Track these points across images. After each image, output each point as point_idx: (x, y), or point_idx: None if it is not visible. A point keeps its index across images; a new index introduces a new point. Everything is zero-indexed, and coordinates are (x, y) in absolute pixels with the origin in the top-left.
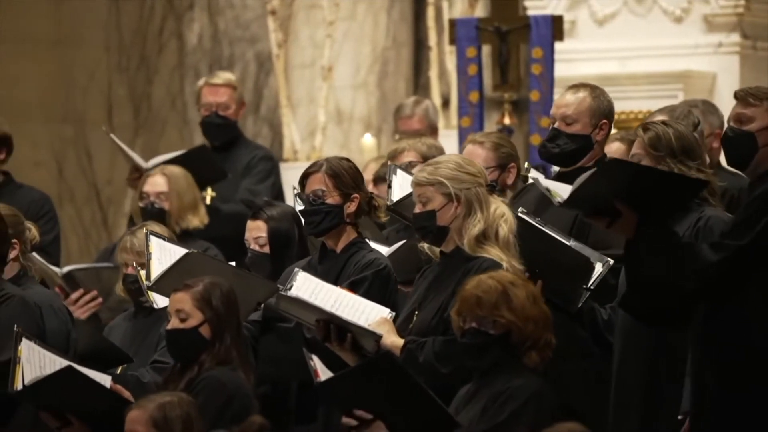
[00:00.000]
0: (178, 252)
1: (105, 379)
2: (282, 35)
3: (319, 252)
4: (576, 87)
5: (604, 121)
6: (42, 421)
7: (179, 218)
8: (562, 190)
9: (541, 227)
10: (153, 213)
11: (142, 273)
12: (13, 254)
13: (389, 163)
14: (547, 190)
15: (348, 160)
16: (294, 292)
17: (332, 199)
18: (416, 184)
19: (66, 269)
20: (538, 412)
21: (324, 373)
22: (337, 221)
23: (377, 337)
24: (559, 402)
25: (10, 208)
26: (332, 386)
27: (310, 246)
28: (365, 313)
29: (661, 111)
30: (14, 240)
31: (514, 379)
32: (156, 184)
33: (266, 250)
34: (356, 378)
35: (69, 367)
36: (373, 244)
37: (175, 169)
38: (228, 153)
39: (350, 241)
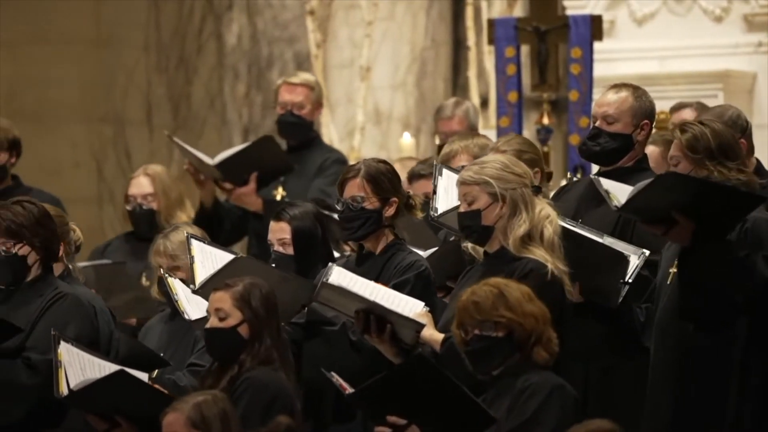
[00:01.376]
0: (219, 255)
1: (143, 378)
2: (321, 35)
3: (357, 254)
4: (618, 86)
5: (646, 121)
6: (90, 424)
7: (168, 216)
8: (620, 193)
9: (571, 227)
10: (142, 215)
11: (170, 281)
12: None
13: (435, 162)
14: (606, 192)
15: (385, 162)
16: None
17: (371, 204)
18: (462, 183)
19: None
20: (563, 404)
21: (349, 387)
22: (375, 226)
23: (418, 328)
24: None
25: (55, 209)
26: (363, 396)
27: (333, 246)
28: (400, 306)
29: (690, 105)
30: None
31: (532, 377)
32: (141, 185)
33: (290, 251)
34: (388, 384)
35: (121, 371)
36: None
37: (157, 168)
38: (302, 153)
39: (389, 243)
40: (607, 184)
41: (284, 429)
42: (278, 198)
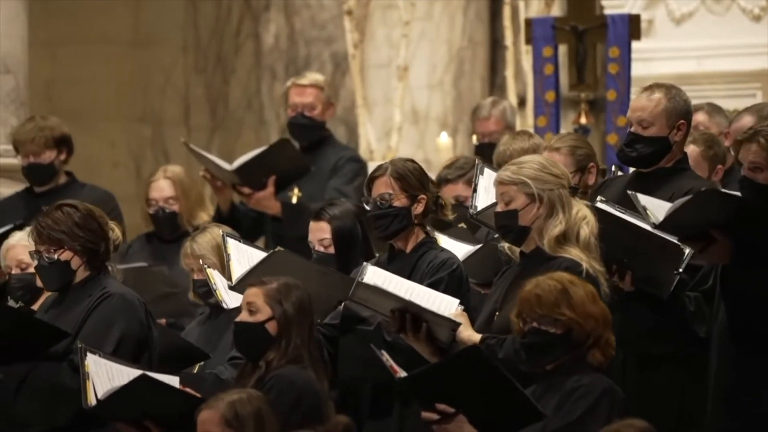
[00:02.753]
0: (255, 253)
1: (173, 381)
2: (358, 35)
3: (388, 252)
4: (651, 88)
5: (682, 121)
6: None
7: (190, 217)
8: (657, 210)
9: (623, 216)
10: (165, 218)
11: (210, 271)
12: None
13: (477, 161)
14: (644, 209)
15: (413, 161)
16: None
17: (399, 201)
18: (499, 182)
19: None
20: (612, 408)
21: (401, 369)
22: (405, 223)
23: (454, 327)
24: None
25: (97, 209)
26: (415, 381)
27: (374, 244)
28: (435, 304)
29: (748, 110)
30: None
31: (583, 378)
32: (162, 188)
33: (331, 250)
34: (440, 372)
35: (142, 376)
36: (444, 241)
37: (176, 168)
38: (315, 153)
39: (419, 242)
40: (644, 200)
41: (342, 428)
42: (294, 199)
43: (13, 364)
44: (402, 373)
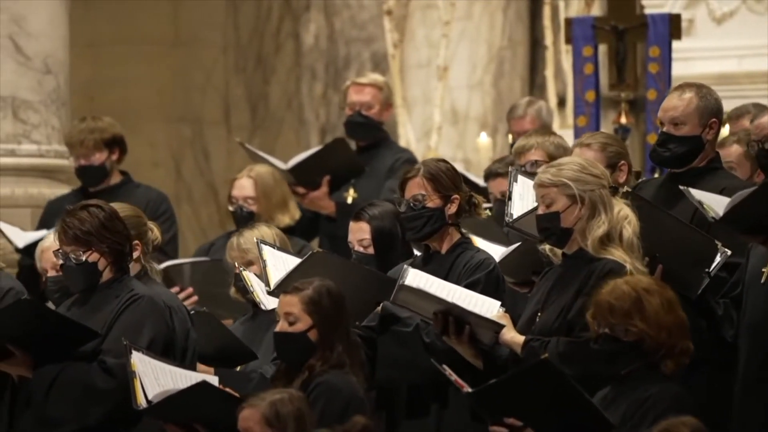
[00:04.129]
0: (289, 259)
1: (213, 380)
2: (398, 35)
3: (424, 254)
4: (681, 88)
5: (713, 119)
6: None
7: (269, 219)
8: (716, 205)
9: (661, 209)
10: (243, 217)
11: (245, 274)
12: (134, 255)
13: (510, 167)
14: (700, 203)
15: (445, 161)
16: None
17: (432, 202)
18: (539, 185)
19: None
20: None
21: (467, 384)
22: (439, 224)
23: (498, 329)
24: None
25: (133, 209)
26: (483, 396)
27: (413, 245)
28: (477, 306)
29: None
30: (136, 241)
31: (653, 387)
32: (243, 187)
33: (370, 251)
34: (509, 385)
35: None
36: (480, 242)
37: (262, 169)
38: (371, 154)
39: (455, 242)
40: (698, 195)
41: (360, 428)
42: (350, 200)
43: (44, 363)
44: (469, 388)
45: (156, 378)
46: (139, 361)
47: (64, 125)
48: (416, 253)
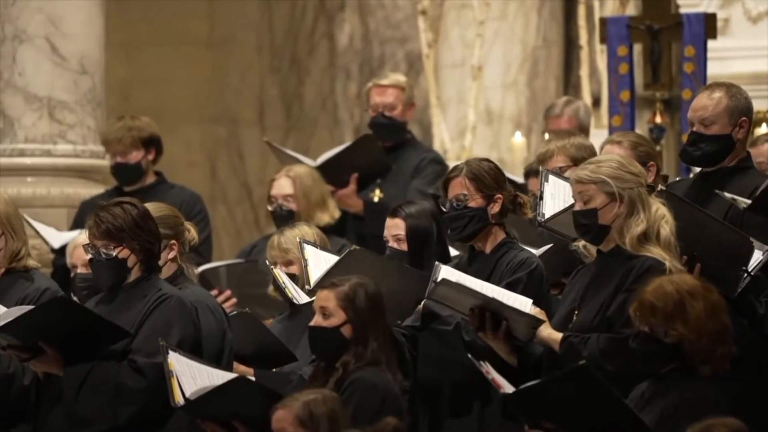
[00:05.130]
0: (331, 259)
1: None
2: (432, 35)
3: (468, 254)
4: (710, 88)
5: (743, 118)
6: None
7: (308, 218)
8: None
9: (697, 207)
10: (282, 216)
11: (276, 271)
12: (171, 255)
13: (541, 168)
14: (733, 198)
15: (488, 160)
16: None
17: (475, 202)
18: (577, 181)
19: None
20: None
21: (506, 384)
22: (482, 224)
23: (535, 324)
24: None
25: (171, 208)
26: (520, 397)
27: (452, 245)
28: (509, 303)
29: None
30: (173, 241)
31: (689, 390)
32: (282, 186)
33: (404, 247)
34: (547, 388)
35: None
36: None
37: (300, 169)
38: (396, 154)
39: (499, 242)
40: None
41: (391, 429)
42: (376, 200)
43: (74, 361)
44: (507, 389)
45: (193, 377)
46: (176, 361)
47: (100, 125)
48: (453, 253)
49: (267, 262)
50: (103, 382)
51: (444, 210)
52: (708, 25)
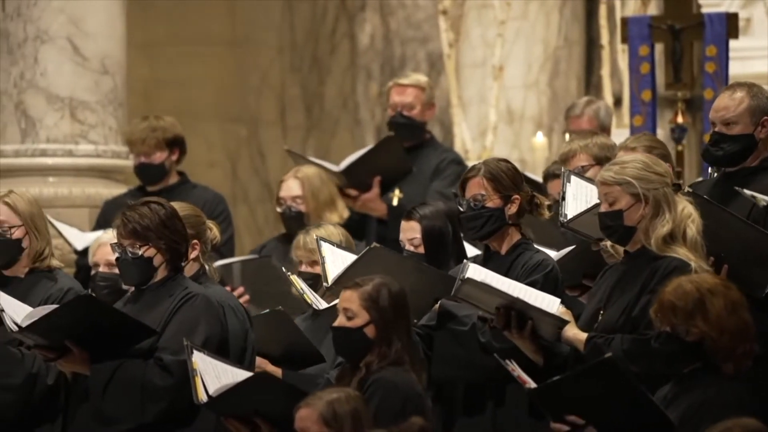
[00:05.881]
0: (348, 257)
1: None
2: (453, 35)
3: (484, 254)
4: (732, 88)
5: (765, 118)
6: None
7: (317, 218)
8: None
9: (723, 208)
10: (291, 217)
11: (293, 277)
12: (193, 254)
13: (563, 168)
14: (753, 196)
15: (506, 160)
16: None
17: (492, 202)
18: (602, 183)
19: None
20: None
21: (529, 379)
22: (499, 224)
23: (561, 324)
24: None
25: (193, 208)
26: (545, 392)
27: (467, 245)
28: (537, 302)
29: None
30: (195, 241)
31: (711, 389)
32: (290, 188)
33: (421, 250)
34: (572, 383)
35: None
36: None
37: (308, 170)
38: (416, 155)
39: (515, 243)
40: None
41: (417, 429)
42: (395, 201)
43: (100, 360)
44: (532, 384)
45: (217, 376)
46: (201, 360)
47: (121, 125)
48: (469, 253)
49: (283, 269)
50: (130, 379)
51: (461, 210)
52: (730, 25)
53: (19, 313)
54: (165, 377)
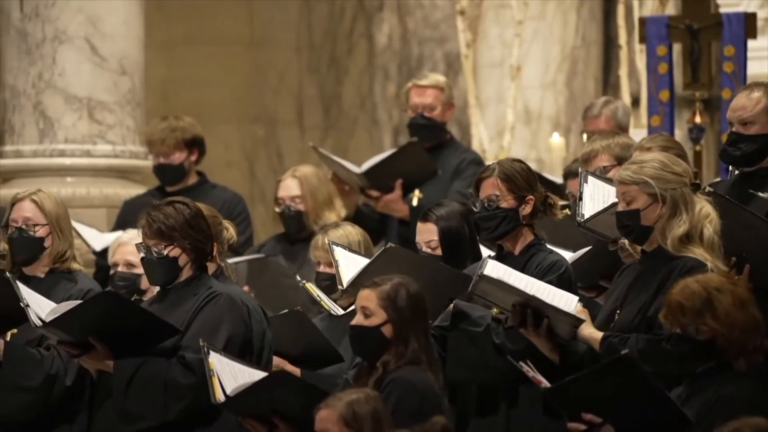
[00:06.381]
0: (360, 260)
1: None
2: (471, 35)
3: (497, 253)
4: (749, 88)
5: None
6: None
7: (316, 217)
8: None
9: (743, 207)
10: (290, 217)
11: (308, 285)
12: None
13: (580, 169)
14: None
15: (520, 161)
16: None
17: (506, 203)
18: (620, 182)
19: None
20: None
21: (544, 379)
22: (513, 225)
23: (576, 323)
24: None
25: (209, 208)
26: (561, 391)
27: (483, 245)
28: (555, 299)
29: None
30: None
31: (724, 387)
32: (289, 188)
33: (438, 252)
34: (589, 380)
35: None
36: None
37: (306, 169)
38: (436, 155)
39: (528, 243)
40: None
41: (440, 428)
42: (415, 201)
43: (125, 357)
44: (547, 384)
45: (234, 377)
46: (217, 360)
47: (139, 126)
48: (484, 254)
49: (298, 277)
50: (153, 377)
51: (475, 210)
52: (748, 25)
53: (43, 308)
54: (188, 375)
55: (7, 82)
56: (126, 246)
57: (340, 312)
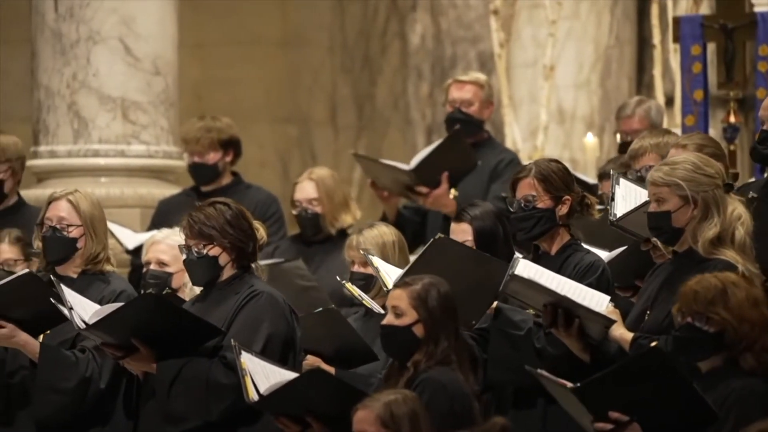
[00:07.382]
0: (390, 269)
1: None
2: (504, 35)
3: (533, 254)
4: None
5: None
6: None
7: (333, 219)
8: None
9: None
10: (308, 219)
11: (349, 285)
12: None
13: (612, 171)
14: None
15: (557, 161)
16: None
17: (543, 203)
18: (652, 183)
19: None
20: (765, 413)
21: (566, 382)
22: (549, 225)
23: (608, 323)
24: None
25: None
26: (589, 389)
27: (516, 245)
28: (587, 299)
29: None
30: None
31: (734, 382)
32: (305, 190)
33: None
34: (618, 376)
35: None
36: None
37: (322, 171)
38: (475, 152)
39: (564, 243)
40: None
41: (499, 429)
42: (451, 197)
43: (167, 358)
44: (569, 384)
45: (266, 377)
46: (249, 360)
47: (173, 126)
48: (517, 253)
49: (338, 278)
50: (195, 377)
51: (511, 210)
52: None
53: (87, 310)
54: (229, 375)
55: (42, 83)
56: (159, 244)
57: (382, 311)
